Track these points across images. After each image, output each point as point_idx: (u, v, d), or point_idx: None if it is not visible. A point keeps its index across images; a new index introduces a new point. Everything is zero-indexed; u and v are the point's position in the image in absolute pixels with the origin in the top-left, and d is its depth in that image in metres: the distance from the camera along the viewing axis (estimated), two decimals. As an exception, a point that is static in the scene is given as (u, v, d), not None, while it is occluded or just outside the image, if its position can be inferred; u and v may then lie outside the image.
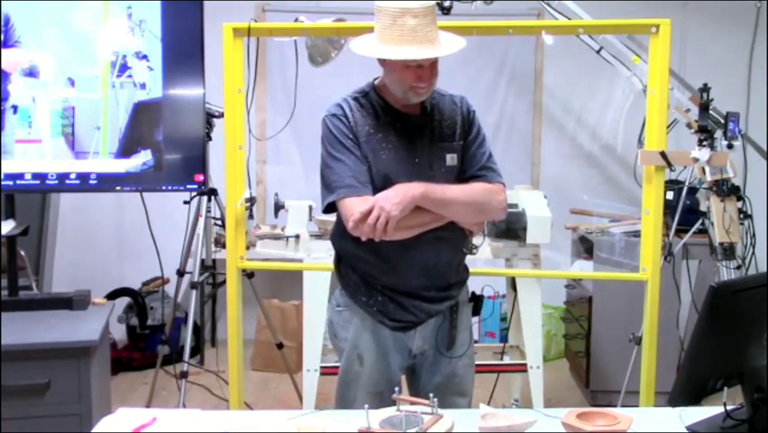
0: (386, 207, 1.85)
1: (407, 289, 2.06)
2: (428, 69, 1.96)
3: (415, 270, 2.04)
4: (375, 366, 2.10)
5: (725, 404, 1.71)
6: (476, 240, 2.14)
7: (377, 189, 1.96)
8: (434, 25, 1.95)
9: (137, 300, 4.58)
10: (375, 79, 2.10)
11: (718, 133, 3.09)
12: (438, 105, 2.10)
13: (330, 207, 2.02)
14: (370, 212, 1.85)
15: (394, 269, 2.04)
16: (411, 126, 2.06)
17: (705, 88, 3.10)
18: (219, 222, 3.70)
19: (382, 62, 2.01)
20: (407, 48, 1.90)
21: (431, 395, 1.78)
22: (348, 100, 2.07)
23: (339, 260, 2.17)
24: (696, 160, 2.92)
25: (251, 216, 2.78)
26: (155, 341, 4.47)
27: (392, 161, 2.01)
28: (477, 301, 3.51)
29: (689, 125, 3.17)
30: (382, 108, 2.06)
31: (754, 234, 3.13)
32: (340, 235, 2.09)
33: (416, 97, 2.00)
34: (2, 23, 2.65)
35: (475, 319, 2.72)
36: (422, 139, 2.05)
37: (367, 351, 2.10)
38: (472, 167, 2.09)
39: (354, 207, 1.90)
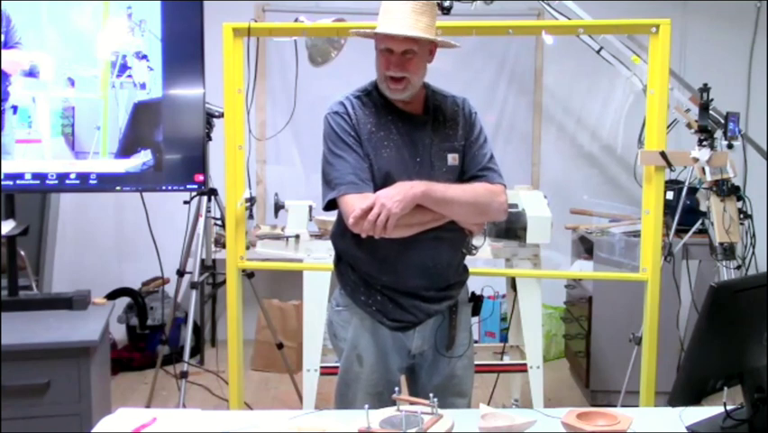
0: (387, 205, 1.84)
1: (406, 289, 2.06)
2: (397, 57, 1.95)
3: (414, 270, 2.04)
4: (374, 367, 2.09)
5: (725, 404, 1.71)
6: (477, 241, 2.13)
7: (377, 188, 1.95)
8: (429, 21, 1.95)
9: (137, 300, 4.58)
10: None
11: (718, 133, 3.09)
12: (440, 106, 2.10)
13: (331, 205, 2.01)
14: (370, 209, 1.85)
15: (393, 269, 2.03)
16: (413, 125, 2.05)
17: (705, 88, 3.10)
18: (219, 222, 3.70)
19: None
20: (384, 26, 1.92)
21: (431, 395, 1.77)
22: (350, 98, 2.07)
23: (339, 259, 2.16)
24: (696, 160, 2.92)
25: (251, 216, 2.78)
26: (155, 341, 4.47)
27: (393, 160, 2.01)
28: (476, 301, 3.51)
29: (689, 125, 3.17)
30: (384, 107, 2.05)
31: (754, 234, 3.12)
32: (340, 235, 2.09)
33: (389, 91, 2.00)
34: (2, 23, 2.65)
35: (475, 319, 2.73)
36: (423, 138, 2.05)
37: (366, 351, 2.09)
38: (473, 167, 2.09)
39: (355, 203, 1.90)
